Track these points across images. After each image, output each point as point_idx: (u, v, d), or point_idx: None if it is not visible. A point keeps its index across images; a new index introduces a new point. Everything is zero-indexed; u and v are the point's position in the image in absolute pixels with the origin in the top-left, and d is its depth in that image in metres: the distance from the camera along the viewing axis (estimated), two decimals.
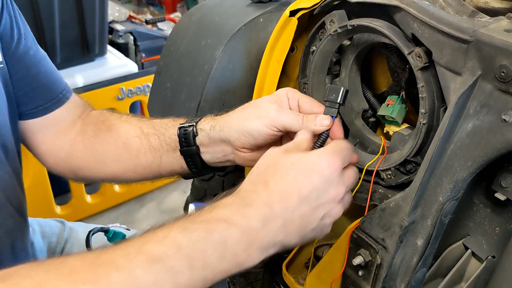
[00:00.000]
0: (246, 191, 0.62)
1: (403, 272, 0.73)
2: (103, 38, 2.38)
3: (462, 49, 0.64)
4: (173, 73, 1.13)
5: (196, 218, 0.58)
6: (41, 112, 0.92)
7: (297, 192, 0.62)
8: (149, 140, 0.90)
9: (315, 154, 0.65)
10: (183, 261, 0.54)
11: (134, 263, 0.52)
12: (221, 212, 0.58)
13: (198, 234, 0.56)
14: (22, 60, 0.87)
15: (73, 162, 0.96)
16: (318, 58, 0.90)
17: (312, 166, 0.63)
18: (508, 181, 0.66)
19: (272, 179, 0.62)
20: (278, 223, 0.61)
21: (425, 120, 0.72)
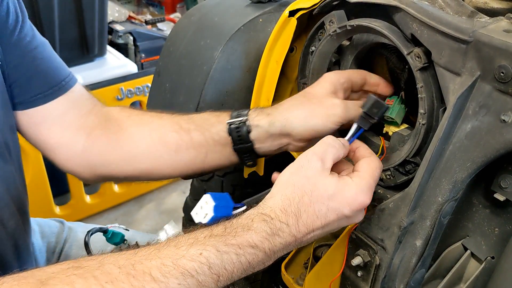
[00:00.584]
0: (279, 220, 0.65)
1: (402, 273, 0.73)
2: (103, 39, 2.38)
3: (461, 49, 0.64)
4: (172, 73, 1.12)
5: (229, 240, 0.62)
6: (41, 100, 0.87)
7: (323, 223, 0.67)
8: (191, 136, 0.87)
9: (352, 191, 0.67)
10: (212, 277, 0.59)
11: (169, 276, 0.56)
12: (252, 238, 0.62)
13: (229, 257, 0.60)
14: (17, 47, 0.84)
15: (93, 158, 0.91)
16: (317, 58, 0.90)
17: (345, 204, 0.67)
18: (507, 182, 0.66)
19: (305, 213, 0.66)
20: (296, 244, 0.67)
21: (424, 120, 0.72)
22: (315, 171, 0.67)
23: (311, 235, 0.67)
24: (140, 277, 0.55)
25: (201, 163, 0.88)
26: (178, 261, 0.58)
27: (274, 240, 0.64)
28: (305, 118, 0.81)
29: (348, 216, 0.68)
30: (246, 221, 0.64)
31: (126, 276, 0.55)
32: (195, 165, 0.88)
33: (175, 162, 0.88)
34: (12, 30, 0.83)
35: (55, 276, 0.54)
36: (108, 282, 0.54)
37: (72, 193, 2.27)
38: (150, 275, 0.56)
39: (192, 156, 0.87)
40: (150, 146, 0.90)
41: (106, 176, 0.94)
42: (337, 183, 0.67)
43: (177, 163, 0.89)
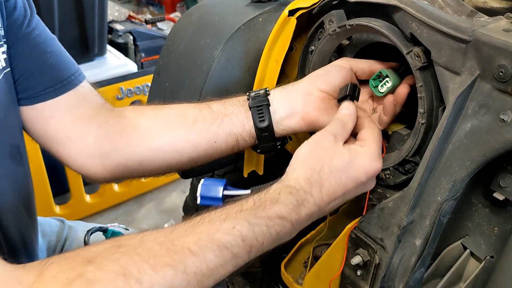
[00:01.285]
0: (303, 191, 0.69)
1: (401, 272, 0.73)
2: (103, 38, 2.38)
3: (460, 49, 0.64)
4: (172, 73, 1.12)
5: (259, 213, 0.66)
6: (51, 94, 0.86)
7: (343, 191, 0.72)
8: (211, 107, 0.89)
9: (366, 159, 0.73)
10: (245, 249, 0.64)
11: (206, 250, 0.61)
12: (280, 210, 0.67)
13: (260, 229, 0.65)
14: (26, 40, 0.84)
15: (105, 146, 0.90)
16: (317, 57, 0.90)
17: (362, 171, 0.72)
18: (507, 181, 0.66)
19: (327, 181, 0.70)
20: (319, 214, 0.72)
21: (424, 119, 0.72)
22: (330, 143, 0.73)
23: (332, 204, 0.72)
24: (180, 251, 0.59)
25: (215, 131, 0.87)
26: (213, 235, 0.62)
27: (300, 211, 0.68)
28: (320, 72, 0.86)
29: (364, 183, 0.74)
30: (273, 194, 0.69)
31: (167, 252, 0.59)
32: (208, 134, 0.87)
33: (190, 134, 0.88)
34: (20, 24, 0.83)
35: (100, 254, 0.57)
36: (151, 258, 0.57)
37: (72, 192, 2.27)
38: (188, 249, 0.60)
39: (208, 123, 0.88)
40: (167, 123, 0.89)
41: (118, 167, 0.91)
42: (350, 153, 0.73)
43: (192, 133, 0.88)
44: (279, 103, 0.86)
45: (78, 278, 0.53)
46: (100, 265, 0.55)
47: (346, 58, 0.89)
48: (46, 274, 0.54)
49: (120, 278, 0.55)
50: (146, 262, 0.57)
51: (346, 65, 0.86)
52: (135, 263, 0.56)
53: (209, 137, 0.88)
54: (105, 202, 2.42)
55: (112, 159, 0.90)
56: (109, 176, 0.92)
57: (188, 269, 0.59)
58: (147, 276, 0.56)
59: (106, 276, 0.54)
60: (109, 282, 0.54)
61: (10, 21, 0.81)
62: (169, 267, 0.58)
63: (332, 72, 0.85)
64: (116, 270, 0.55)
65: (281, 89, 0.88)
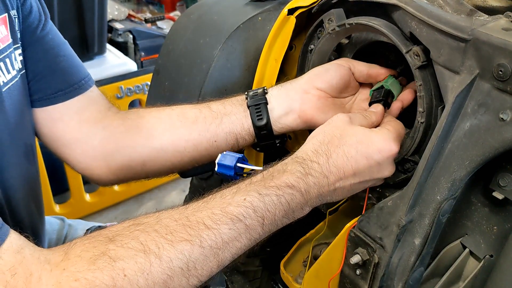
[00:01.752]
0: (310, 160, 0.70)
1: (400, 271, 0.73)
2: (102, 37, 2.38)
3: (460, 48, 0.64)
4: (172, 72, 1.12)
5: (269, 183, 0.67)
6: (62, 97, 0.89)
7: (354, 168, 0.70)
8: (210, 108, 0.90)
9: (379, 137, 0.72)
10: (257, 220, 0.65)
11: (220, 223, 0.63)
12: (288, 179, 0.68)
13: (270, 199, 0.66)
14: (40, 43, 0.86)
15: (109, 147, 0.92)
16: (316, 56, 0.90)
17: (374, 149, 0.71)
18: (506, 180, 0.66)
19: (334, 153, 0.70)
20: (330, 189, 0.71)
21: (423, 119, 0.72)
22: (344, 123, 0.74)
23: (343, 181, 0.71)
24: (195, 226, 0.62)
25: (214, 130, 0.88)
26: (225, 208, 0.64)
27: (308, 180, 0.69)
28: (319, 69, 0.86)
29: (379, 163, 0.72)
30: (281, 166, 0.70)
31: (183, 227, 0.61)
32: (208, 132, 0.88)
33: (191, 133, 0.89)
34: (34, 28, 0.85)
35: (120, 233, 0.61)
36: (168, 234, 0.60)
37: (72, 191, 2.27)
38: (203, 224, 0.62)
39: (208, 122, 0.89)
40: (168, 123, 0.91)
41: (122, 168, 0.93)
42: (364, 130, 0.73)
43: (192, 133, 0.89)
44: (277, 101, 0.87)
45: (101, 256, 0.57)
46: (121, 243, 0.59)
47: (346, 58, 0.89)
48: (71, 253, 0.58)
49: (140, 254, 0.58)
50: (164, 238, 0.60)
51: (346, 64, 0.86)
52: (153, 239, 0.59)
53: (209, 136, 0.89)
54: (105, 201, 2.42)
55: (116, 160, 0.92)
56: (113, 178, 0.94)
57: (204, 243, 0.61)
58: (166, 251, 0.59)
59: (127, 253, 0.58)
60: (131, 259, 0.57)
61: (26, 24, 0.84)
62: (186, 241, 0.60)
63: (330, 71, 0.85)
64: (136, 247, 0.58)
65: (279, 87, 0.88)
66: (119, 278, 0.56)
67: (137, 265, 0.57)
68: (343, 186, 0.72)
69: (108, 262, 0.56)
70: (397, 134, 0.74)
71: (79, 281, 0.55)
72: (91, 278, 0.55)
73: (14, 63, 0.81)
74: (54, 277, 0.55)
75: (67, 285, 0.55)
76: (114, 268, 0.56)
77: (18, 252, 0.57)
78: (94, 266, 0.56)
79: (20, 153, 0.85)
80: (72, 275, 0.55)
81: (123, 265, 0.57)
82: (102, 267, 0.56)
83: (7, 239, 0.57)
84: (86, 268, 0.56)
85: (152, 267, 0.58)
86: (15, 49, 0.82)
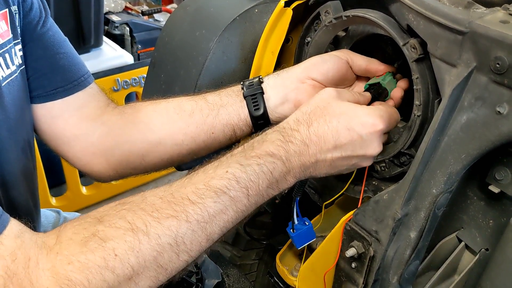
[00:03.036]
0: (291, 128, 0.70)
1: (396, 265, 0.73)
2: (99, 29, 2.36)
3: (457, 40, 0.63)
4: (168, 64, 1.11)
5: (249, 154, 0.67)
6: (61, 94, 0.89)
7: (334, 140, 0.69)
8: (206, 99, 0.89)
9: (364, 111, 0.71)
10: (242, 191, 0.65)
11: (205, 197, 0.63)
12: (268, 147, 0.68)
13: (252, 168, 0.66)
14: (40, 40, 0.87)
15: (108, 143, 0.92)
16: (313, 49, 0.89)
17: (357, 121, 0.70)
18: (502, 174, 0.66)
19: (316, 121, 0.70)
20: (311, 160, 0.70)
21: (420, 112, 0.72)
22: (330, 95, 0.73)
23: (324, 154, 0.70)
24: (180, 202, 0.62)
25: (211, 122, 0.88)
26: (209, 182, 0.64)
27: (288, 148, 0.68)
28: (315, 59, 0.85)
29: (362, 138, 0.70)
30: (261, 136, 0.71)
31: (168, 204, 0.62)
32: (206, 125, 0.88)
33: (188, 126, 0.89)
34: (35, 24, 0.86)
35: (107, 213, 0.61)
36: (154, 211, 0.61)
37: (68, 184, 2.27)
38: (188, 199, 0.63)
39: (205, 114, 0.88)
40: (165, 116, 0.91)
41: (121, 163, 0.93)
42: (350, 104, 0.72)
43: (190, 126, 0.89)
44: (273, 90, 0.86)
45: (91, 238, 0.58)
46: (109, 223, 0.60)
47: (346, 50, 0.88)
48: (63, 236, 0.59)
49: (129, 233, 0.59)
50: (150, 215, 0.61)
51: (344, 57, 0.85)
52: (140, 217, 0.60)
53: (207, 128, 0.89)
54: (102, 194, 2.41)
55: (115, 156, 0.92)
56: (113, 173, 0.94)
57: (190, 218, 0.62)
58: (153, 228, 0.60)
59: (116, 232, 0.59)
60: (120, 238, 0.58)
61: (26, 21, 0.85)
62: (172, 217, 0.61)
63: (328, 62, 0.84)
64: (124, 226, 0.59)
65: (275, 76, 0.88)
66: (110, 258, 0.57)
67: (127, 244, 0.58)
68: (324, 158, 0.70)
69: (99, 243, 0.57)
70: (386, 114, 0.72)
71: (73, 264, 0.56)
72: (84, 260, 0.56)
73: (14, 58, 0.81)
74: (49, 261, 0.56)
75: (61, 268, 0.56)
76: (105, 248, 0.57)
77: (18, 237, 0.57)
78: (85, 248, 0.57)
79: (19, 149, 0.85)
80: (66, 259, 0.56)
81: (113, 245, 0.58)
82: (93, 248, 0.57)
83: (8, 225, 0.58)
84: (78, 251, 0.57)
85: (141, 245, 0.59)
86: (15, 45, 0.82)
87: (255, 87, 0.86)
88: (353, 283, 0.77)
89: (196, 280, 0.98)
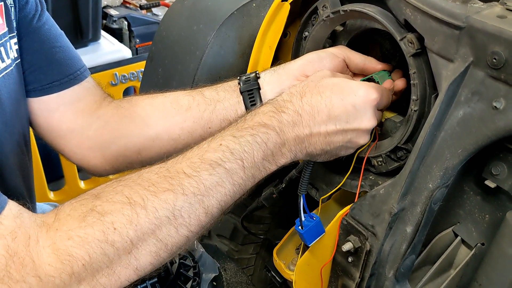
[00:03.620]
0: (283, 100, 0.71)
1: (392, 259, 0.73)
2: (97, 23, 2.36)
3: (454, 35, 0.63)
4: (165, 58, 1.11)
5: (242, 125, 0.68)
6: (57, 88, 0.89)
7: (328, 110, 0.70)
8: (203, 94, 0.89)
9: (357, 83, 0.73)
10: (237, 163, 0.66)
11: (200, 170, 0.64)
12: (261, 118, 0.69)
13: (246, 139, 0.67)
14: (36, 34, 0.87)
15: (104, 137, 0.92)
16: (311, 44, 0.89)
17: (349, 91, 0.71)
18: (498, 169, 0.66)
19: (308, 93, 0.71)
20: (305, 132, 0.70)
21: (417, 107, 0.72)
22: (325, 74, 0.75)
23: (318, 126, 0.70)
24: (176, 176, 0.63)
25: (209, 115, 0.88)
26: (203, 156, 0.65)
27: (281, 118, 0.69)
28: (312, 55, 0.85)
29: (355, 108, 0.71)
30: (254, 110, 0.72)
31: (164, 178, 0.63)
32: (203, 120, 0.88)
33: (185, 121, 0.89)
34: (31, 18, 0.86)
35: (104, 189, 0.62)
36: (151, 186, 0.62)
37: (66, 178, 2.27)
38: (183, 173, 0.64)
39: (202, 109, 0.88)
40: (162, 110, 0.90)
41: (118, 158, 0.93)
42: (343, 78, 0.74)
43: (186, 121, 0.89)
44: (269, 86, 0.86)
45: (90, 213, 0.58)
46: (106, 198, 0.60)
47: (343, 47, 0.88)
48: (61, 213, 0.59)
49: (126, 206, 0.60)
50: (147, 189, 0.61)
51: (341, 55, 0.85)
52: (137, 192, 0.61)
53: (204, 123, 0.88)
54: None
55: (111, 150, 0.92)
56: (109, 168, 0.94)
57: (186, 191, 0.62)
58: (150, 202, 0.61)
59: (114, 206, 0.59)
60: (118, 212, 0.59)
61: (22, 15, 0.84)
62: (168, 191, 0.62)
63: (324, 61, 0.84)
64: (121, 200, 0.60)
65: (271, 72, 0.88)
66: (109, 232, 0.58)
67: (125, 217, 0.59)
68: (318, 131, 0.70)
69: (97, 218, 0.58)
70: (379, 88, 0.75)
71: (73, 239, 0.56)
72: (83, 235, 0.57)
73: (9, 51, 0.81)
74: (49, 238, 0.57)
75: (62, 244, 0.56)
76: (104, 222, 0.58)
77: (17, 217, 0.58)
78: (84, 223, 0.57)
79: (14, 142, 0.85)
80: (65, 234, 0.57)
81: (111, 219, 0.58)
82: (92, 222, 0.58)
83: (7, 206, 0.58)
84: (77, 225, 0.57)
85: (139, 218, 0.60)
86: (11, 38, 0.82)
87: (252, 82, 0.86)
88: (350, 278, 0.78)
89: (193, 274, 0.99)
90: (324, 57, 0.84)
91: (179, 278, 0.97)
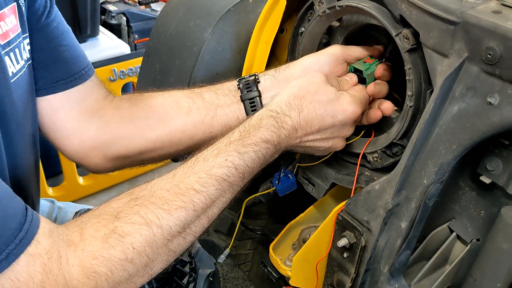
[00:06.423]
0: (283, 114, 0.76)
1: (387, 255, 0.73)
2: (95, 19, 2.35)
3: (449, 30, 0.63)
4: (162, 54, 1.11)
5: (245, 141, 0.73)
6: (62, 87, 0.89)
7: (320, 125, 0.78)
8: (203, 97, 0.90)
9: (347, 100, 0.79)
10: (239, 176, 0.72)
11: (208, 185, 0.69)
12: (263, 134, 0.73)
13: (249, 156, 0.72)
14: (44, 31, 0.86)
15: (105, 137, 0.92)
16: (307, 39, 0.89)
17: (340, 109, 0.78)
18: (493, 165, 0.66)
19: (306, 108, 0.77)
20: (296, 141, 0.78)
21: (412, 102, 0.72)
22: (320, 80, 0.79)
23: (307, 136, 0.78)
24: (186, 193, 0.68)
25: (210, 121, 0.89)
26: (210, 171, 0.70)
27: (280, 133, 0.75)
28: (311, 60, 0.86)
29: (342, 123, 0.79)
30: (256, 121, 0.75)
31: (176, 195, 0.68)
32: (204, 124, 0.89)
33: (185, 124, 0.89)
34: (40, 15, 0.85)
35: (122, 209, 0.66)
36: (164, 204, 0.67)
37: (65, 174, 2.27)
38: (193, 189, 0.68)
39: (203, 114, 0.89)
40: (162, 113, 0.91)
41: (119, 158, 0.93)
42: (336, 92, 0.79)
43: (187, 124, 0.89)
44: (269, 92, 0.87)
45: (112, 234, 0.64)
46: (125, 220, 0.65)
47: (341, 46, 0.87)
48: (86, 233, 0.64)
49: (144, 227, 0.65)
50: (161, 208, 0.66)
51: (340, 55, 0.85)
52: (152, 211, 0.66)
53: (205, 128, 0.89)
54: (98, 184, 2.42)
55: (112, 150, 0.92)
56: (110, 166, 0.95)
57: (196, 206, 0.68)
58: (165, 221, 0.66)
59: (132, 228, 0.64)
60: (136, 232, 0.64)
61: (31, 11, 0.84)
62: (181, 208, 0.67)
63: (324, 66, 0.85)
64: (139, 221, 0.65)
65: (271, 78, 0.88)
66: (129, 252, 0.63)
67: (143, 237, 0.64)
68: (306, 140, 0.79)
69: (118, 239, 0.63)
70: (364, 99, 0.81)
71: (97, 259, 0.62)
72: (107, 255, 0.62)
73: (22, 53, 0.80)
74: (77, 258, 0.62)
75: (88, 263, 0.62)
76: (124, 243, 0.63)
77: (49, 236, 0.62)
78: (107, 244, 0.63)
79: (25, 142, 0.85)
80: (91, 254, 0.62)
81: (131, 240, 0.64)
82: (114, 244, 0.63)
83: (40, 225, 0.63)
84: (101, 247, 0.63)
85: (156, 237, 0.65)
86: (24, 39, 0.81)
87: (253, 91, 0.87)
88: (345, 273, 0.78)
89: (189, 269, 0.99)
90: (324, 63, 0.85)
91: (175, 274, 0.97)
